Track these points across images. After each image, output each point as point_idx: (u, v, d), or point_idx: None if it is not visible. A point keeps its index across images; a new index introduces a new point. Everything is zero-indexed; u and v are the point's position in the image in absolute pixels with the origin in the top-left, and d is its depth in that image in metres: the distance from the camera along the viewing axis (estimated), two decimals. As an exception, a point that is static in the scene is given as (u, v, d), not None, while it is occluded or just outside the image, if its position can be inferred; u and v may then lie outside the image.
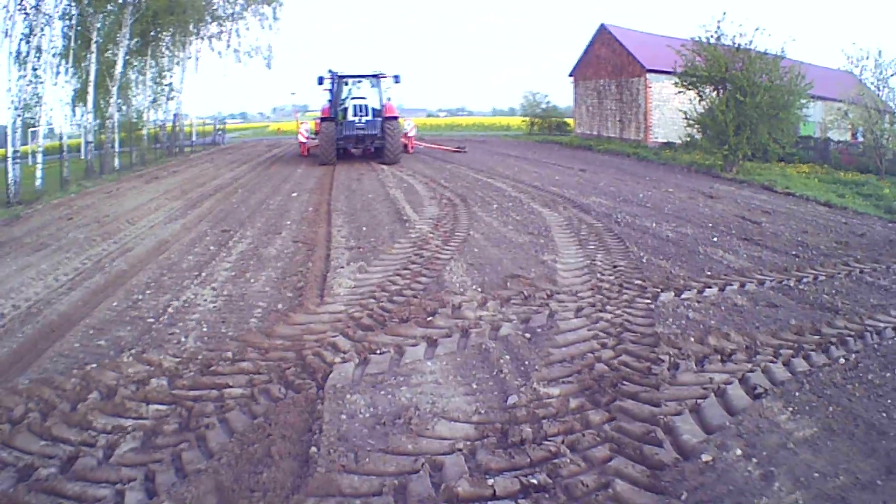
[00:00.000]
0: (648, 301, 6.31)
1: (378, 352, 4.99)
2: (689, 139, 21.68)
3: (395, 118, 21.40)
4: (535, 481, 3.24)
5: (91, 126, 21.78)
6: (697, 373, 4.61)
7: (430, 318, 5.75)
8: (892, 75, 20.43)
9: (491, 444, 3.61)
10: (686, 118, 20.19)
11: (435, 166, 20.11)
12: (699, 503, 3.11)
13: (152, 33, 25.79)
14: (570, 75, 36.56)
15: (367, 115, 20.95)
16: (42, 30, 16.89)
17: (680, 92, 20.68)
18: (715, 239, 9.28)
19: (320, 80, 22.08)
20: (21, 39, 16.64)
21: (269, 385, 4.40)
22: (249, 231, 9.94)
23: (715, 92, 19.59)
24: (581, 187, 14.89)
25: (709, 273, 7.40)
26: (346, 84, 22.62)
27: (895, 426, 3.93)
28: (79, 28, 20.00)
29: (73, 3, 19.36)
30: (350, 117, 20.84)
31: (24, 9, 16.27)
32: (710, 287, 6.82)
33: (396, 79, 22.01)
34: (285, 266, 7.78)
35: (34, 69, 16.82)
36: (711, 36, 19.45)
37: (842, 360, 4.95)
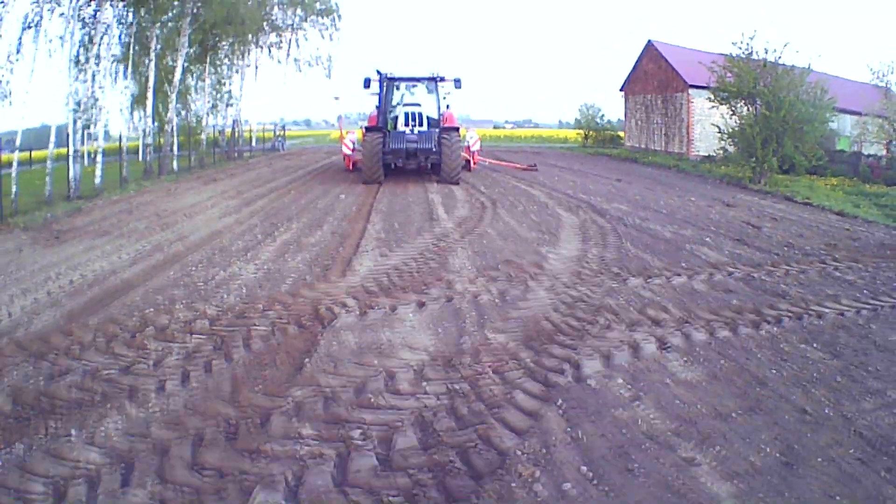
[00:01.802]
0: (615, 284, 7.35)
1: (376, 308, 6.25)
2: (722, 152, 22.26)
3: (455, 129, 18.18)
4: (457, 387, 4.42)
5: (150, 129, 22.38)
6: (624, 332, 5.65)
7: (425, 289, 6.98)
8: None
9: (436, 365, 4.81)
10: (719, 132, 20.84)
11: (481, 174, 20.32)
12: (570, 408, 4.18)
13: (211, 42, 26.32)
14: (621, 90, 37.31)
15: (420, 124, 17.89)
16: (101, 38, 17.57)
17: (714, 107, 21.35)
18: (707, 239, 10.15)
19: (367, 83, 18.96)
20: (79, 45, 17.55)
21: (287, 326, 5.70)
22: (295, 225, 11.33)
23: (746, 107, 20.19)
24: (609, 195, 15.77)
25: (684, 265, 8.33)
26: (398, 88, 19.46)
27: (779, 381, 4.71)
28: (137, 35, 20.82)
29: (129, 11, 19.96)
30: (400, 127, 17.89)
31: (83, 18, 17.14)
32: (679, 276, 7.77)
33: (457, 83, 18.68)
34: (320, 251, 9.11)
35: (93, 74, 17.43)
36: (742, 52, 20.04)
37: (764, 333, 5.77)
